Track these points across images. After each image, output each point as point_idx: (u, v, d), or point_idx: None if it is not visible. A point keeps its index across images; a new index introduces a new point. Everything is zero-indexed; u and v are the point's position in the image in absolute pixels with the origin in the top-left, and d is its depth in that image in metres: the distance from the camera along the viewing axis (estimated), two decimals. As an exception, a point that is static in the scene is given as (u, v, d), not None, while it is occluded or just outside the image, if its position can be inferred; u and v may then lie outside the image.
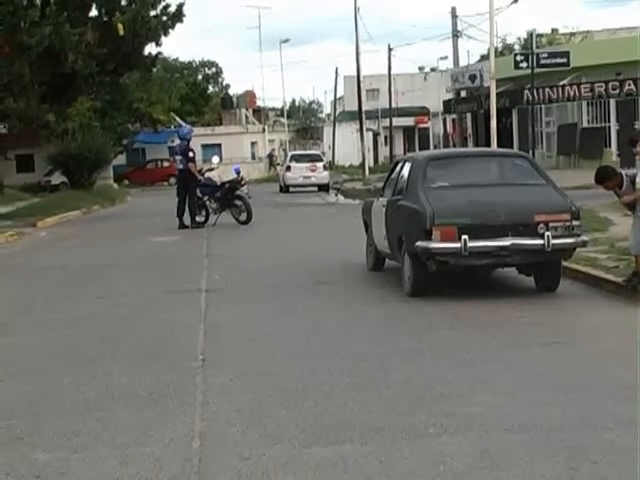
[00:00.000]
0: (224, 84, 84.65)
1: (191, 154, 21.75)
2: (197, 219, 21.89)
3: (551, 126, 42.33)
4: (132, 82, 45.95)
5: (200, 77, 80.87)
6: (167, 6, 36.63)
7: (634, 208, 9.95)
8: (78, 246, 18.92)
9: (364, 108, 46.52)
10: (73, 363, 7.94)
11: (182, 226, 21.13)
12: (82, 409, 6.43)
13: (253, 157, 66.32)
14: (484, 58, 48.89)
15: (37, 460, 5.41)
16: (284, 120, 72.81)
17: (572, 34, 55.80)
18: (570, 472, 4.89)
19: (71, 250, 18.17)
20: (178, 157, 22.26)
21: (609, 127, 38.63)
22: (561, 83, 38.95)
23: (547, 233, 10.02)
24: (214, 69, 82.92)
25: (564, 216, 10.26)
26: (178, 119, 61.45)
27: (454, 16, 46.35)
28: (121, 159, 54.92)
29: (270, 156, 64.39)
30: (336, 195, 34.82)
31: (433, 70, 70.25)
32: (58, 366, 7.84)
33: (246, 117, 72.25)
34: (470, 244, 9.92)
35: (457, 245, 9.95)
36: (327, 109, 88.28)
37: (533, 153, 31.86)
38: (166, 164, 54.79)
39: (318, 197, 34.71)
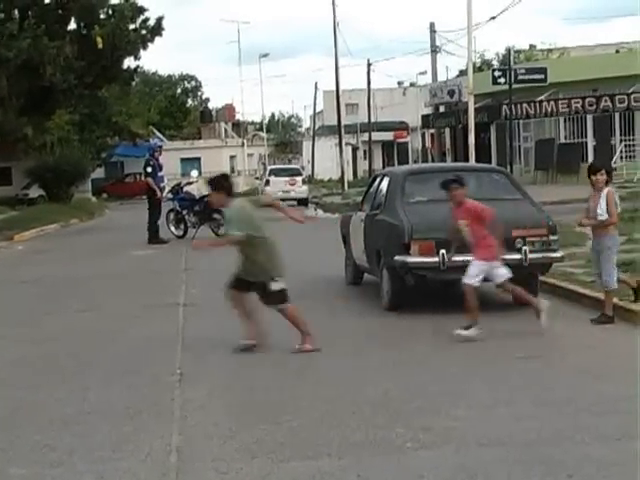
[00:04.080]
0: (203, 98, 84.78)
1: (149, 169, 21.60)
2: (176, 233, 21.89)
3: (529, 141, 42.57)
4: (111, 95, 45.87)
5: (179, 91, 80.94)
6: (146, 20, 36.64)
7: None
8: (56, 260, 18.82)
9: (343, 122, 46.63)
10: (50, 377, 7.89)
11: (150, 241, 21.03)
12: (59, 424, 6.39)
13: (232, 171, 66.25)
14: (462, 73, 49.08)
15: (12, 475, 5.38)
16: (263, 134, 72.84)
17: (549, 50, 56.27)
18: (547, 486, 4.92)
19: (49, 264, 18.07)
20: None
21: (586, 143, 38.92)
22: (539, 99, 39.23)
23: (524, 248, 10.08)
24: (193, 83, 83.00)
25: (541, 231, 10.32)
26: (157, 133, 61.36)
27: (433, 31, 46.58)
28: (99, 172, 54.79)
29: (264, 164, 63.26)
30: (315, 209, 34.84)
31: (412, 85, 70.59)
32: (35, 380, 7.79)
33: (225, 131, 72.29)
34: (448, 258, 9.95)
35: (435, 259, 9.98)
36: (306, 123, 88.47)
37: (511, 168, 32.05)
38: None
39: (297, 211, 34.69)
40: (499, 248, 9.11)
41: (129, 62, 38.69)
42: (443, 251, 9.94)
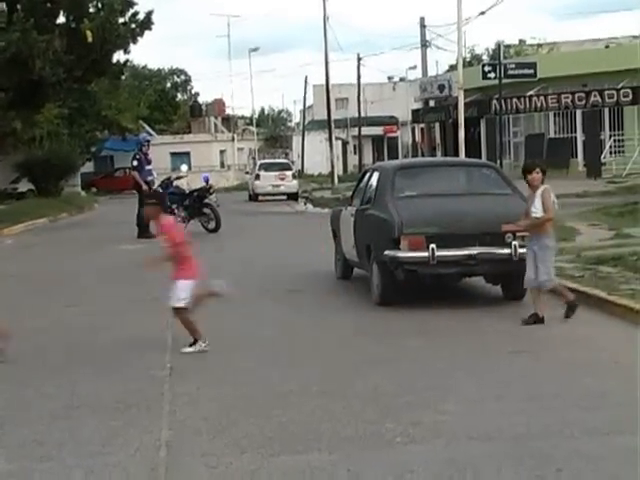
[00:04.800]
0: (193, 92, 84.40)
1: (135, 162, 21.50)
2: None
3: (518, 136, 42.66)
4: (100, 89, 45.74)
5: (169, 85, 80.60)
6: (136, 13, 36.50)
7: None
8: (45, 254, 18.77)
9: (333, 117, 46.63)
10: (38, 372, 7.87)
11: (140, 235, 20.96)
12: (47, 418, 6.37)
13: (222, 165, 66.19)
14: (452, 68, 49.20)
15: (1, 470, 5.36)
16: (253, 129, 72.75)
17: (539, 45, 56.44)
18: (536, 480, 4.93)
19: (38, 258, 18.02)
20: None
21: (575, 137, 39.02)
22: (528, 94, 39.31)
23: (514, 242, 10.09)
24: (183, 77, 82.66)
25: (531, 226, 10.31)
26: (147, 127, 61.19)
27: (423, 26, 46.66)
28: (89, 166, 54.60)
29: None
30: (305, 204, 34.84)
31: (402, 80, 70.52)
32: (23, 375, 7.76)
33: (215, 125, 72.14)
34: (438, 253, 9.97)
35: (425, 254, 9.99)
36: (296, 118, 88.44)
37: (501, 163, 32.07)
38: (134, 172, 54.36)
39: (287, 206, 34.71)
40: (197, 270, 8.50)
41: (118, 56, 38.55)
42: (433, 246, 9.95)
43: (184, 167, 25.21)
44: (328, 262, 13.56)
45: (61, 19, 37.00)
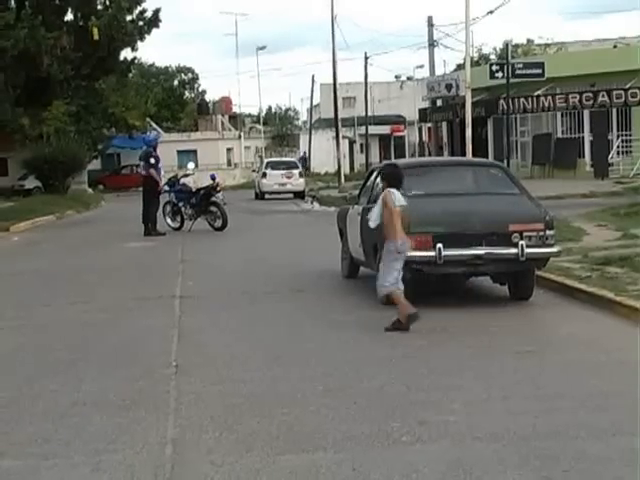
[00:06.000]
0: (200, 90, 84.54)
1: (152, 160, 21.61)
2: (173, 225, 21.95)
3: (526, 136, 42.60)
4: (108, 87, 45.79)
5: (176, 83, 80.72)
6: (143, 11, 36.65)
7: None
8: (51, 251, 18.79)
9: (340, 116, 46.56)
10: (44, 369, 7.88)
11: (147, 233, 21.03)
12: (53, 415, 6.38)
13: (229, 163, 66.24)
14: (460, 67, 49.18)
15: (7, 468, 5.36)
16: (260, 127, 72.80)
17: (547, 45, 56.39)
18: (542, 481, 4.92)
19: (44, 255, 18.04)
20: (141, 163, 22.21)
21: (583, 138, 38.95)
22: (536, 93, 39.25)
23: (521, 242, 10.07)
24: (190, 75, 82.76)
25: (538, 226, 10.32)
26: (154, 125, 61.21)
27: (430, 25, 46.59)
28: (96, 164, 54.65)
29: (303, 159, 61.78)
30: (311, 202, 34.84)
31: (409, 79, 70.50)
32: (29, 372, 7.78)
33: (222, 123, 72.16)
34: (445, 252, 9.96)
35: (432, 254, 9.98)
36: (303, 116, 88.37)
37: (508, 162, 32.02)
38: (141, 170, 54.37)
39: (293, 204, 34.71)
40: None
41: (126, 53, 38.81)
42: (440, 245, 9.94)
43: (191, 165, 25.22)
44: (334, 261, 13.55)
45: (69, 16, 37.13)
